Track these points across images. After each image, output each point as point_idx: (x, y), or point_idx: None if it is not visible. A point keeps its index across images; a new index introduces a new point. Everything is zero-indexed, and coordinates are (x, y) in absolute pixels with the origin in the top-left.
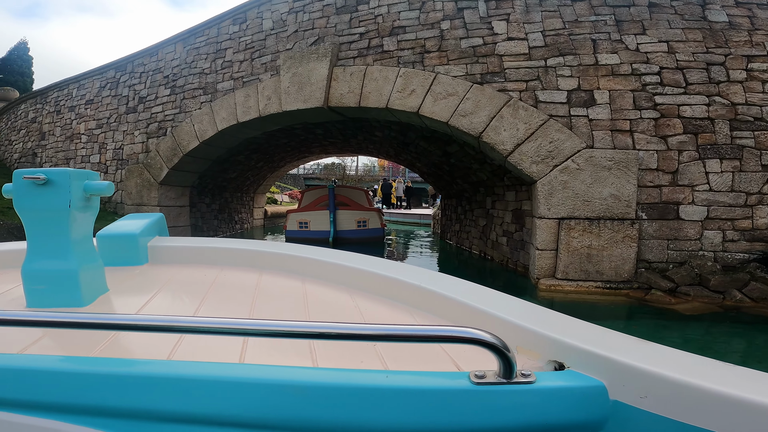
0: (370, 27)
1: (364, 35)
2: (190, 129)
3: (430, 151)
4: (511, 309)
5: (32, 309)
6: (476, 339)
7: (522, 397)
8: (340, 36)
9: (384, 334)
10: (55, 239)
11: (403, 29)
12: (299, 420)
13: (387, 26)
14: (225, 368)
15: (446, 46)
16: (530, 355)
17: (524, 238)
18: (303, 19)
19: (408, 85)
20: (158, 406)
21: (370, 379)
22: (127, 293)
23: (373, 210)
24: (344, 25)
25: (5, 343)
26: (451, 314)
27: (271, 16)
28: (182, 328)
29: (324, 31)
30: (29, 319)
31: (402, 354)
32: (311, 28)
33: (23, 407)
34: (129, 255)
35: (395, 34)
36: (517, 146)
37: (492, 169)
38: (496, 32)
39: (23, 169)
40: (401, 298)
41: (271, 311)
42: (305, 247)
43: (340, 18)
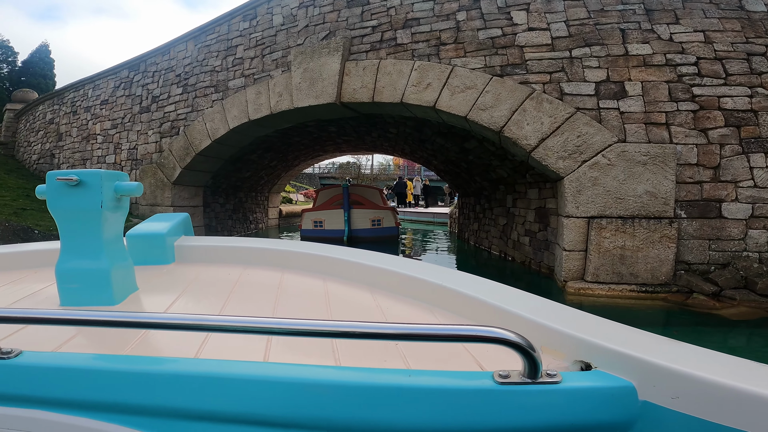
0: (382, 20)
1: (376, 28)
2: (202, 128)
3: (446, 148)
4: (535, 308)
5: (66, 307)
6: (501, 338)
7: (548, 397)
8: (352, 30)
9: (408, 333)
10: (88, 239)
11: (417, 21)
12: (322, 419)
13: (400, 18)
14: (251, 367)
15: (463, 37)
16: (555, 355)
17: (549, 237)
18: (313, 14)
19: (423, 78)
20: (186, 404)
21: (393, 378)
22: (156, 292)
23: (387, 209)
24: (356, 18)
25: (40, 341)
26: (473, 313)
27: (281, 11)
28: (210, 326)
29: (335, 25)
30: (64, 318)
31: (424, 353)
32: (322, 23)
33: (57, 405)
34: (157, 254)
35: (409, 26)
36: (542, 141)
37: (513, 165)
38: (515, 22)
39: (56, 171)
40: (423, 297)
41: (294, 310)
42: (326, 246)
43: (351, 11)
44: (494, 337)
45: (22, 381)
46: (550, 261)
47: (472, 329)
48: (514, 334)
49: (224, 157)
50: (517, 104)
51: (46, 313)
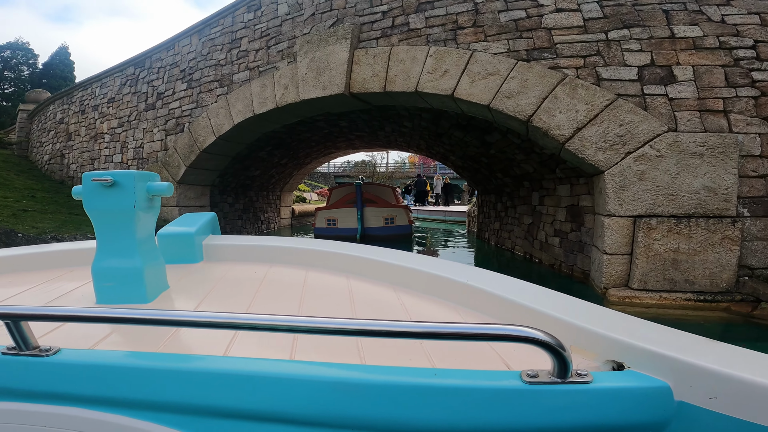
0: (393, 4)
1: (387, 14)
2: (207, 124)
3: (466, 142)
4: (564, 307)
5: (102, 305)
6: (531, 338)
7: (578, 397)
8: (361, 16)
9: (436, 332)
10: (122, 238)
11: (431, 4)
12: (348, 417)
13: (412, 2)
14: (278, 365)
15: (482, 20)
16: (585, 355)
17: (583, 239)
18: (320, 1)
19: (440, 65)
20: (216, 402)
21: (419, 377)
22: (186, 290)
23: (400, 207)
24: (365, 3)
25: (77, 338)
26: (499, 312)
27: (286, 0)
28: (238, 324)
29: (343, 12)
30: (100, 316)
31: (449, 352)
32: (329, 10)
33: (94, 403)
34: (186, 253)
35: (422, 10)
36: (577, 131)
37: (541, 159)
38: (541, 3)
39: (92, 172)
40: (447, 296)
41: (319, 308)
42: (350, 244)
43: None
44: (523, 336)
45: (60, 378)
46: (584, 265)
47: (500, 328)
48: (543, 333)
49: (231, 154)
50: (547, 91)
51: (83, 311)
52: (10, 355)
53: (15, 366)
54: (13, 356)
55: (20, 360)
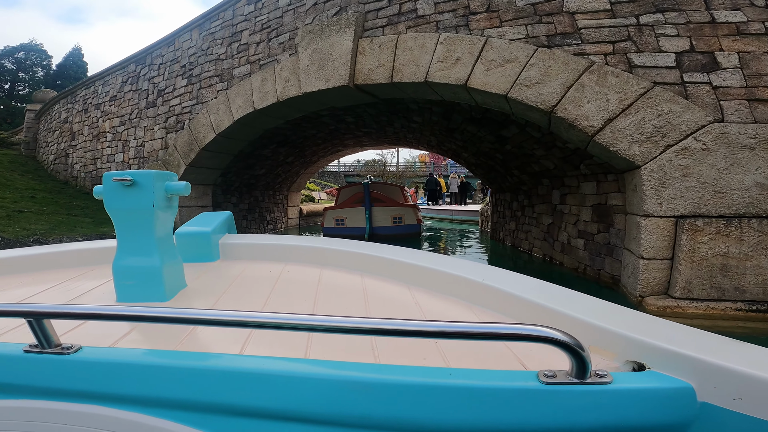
0: None
1: (393, 0)
2: (206, 120)
3: (479, 137)
4: (581, 306)
5: (122, 303)
6: (548, 337)
7: (597, 397)
8: (365, 3)
9: (452, 332)
10: (141, 237)
11: None
12: (363, 417)
13: None
14: (293, 364)
15: (497, 5)
16: (605, 355)
17: (612, 241)
18: None
19: (451, 53)
20: (233, 401)
21: (434, 377)
22: (203, 288)
23: (408, 206)
24: None
25: (98, 336)
26: (514, 311)
27: None
28: (255, 323)
29: (347, 0)
30: (122, 314)
31: (464, 351)
32: None
33: (114, 401)
34: (203, 252)
35: None
36: (609, 122)
37: (563, 155)
38: None
39: (112, 172)
40: (462, 295)
41: (333, 306)
42: (364, 243)
43: None
44: (541, 336)
45: (81, 376)
46: (614, 269)
47: (517, 328)
48: (561, 332)
49: (233, 152)
50: (572, 79)
51: (104, 309)
52: (33, 353)
53: (37, 364)
54: (36, 354)
55: (42, 358)
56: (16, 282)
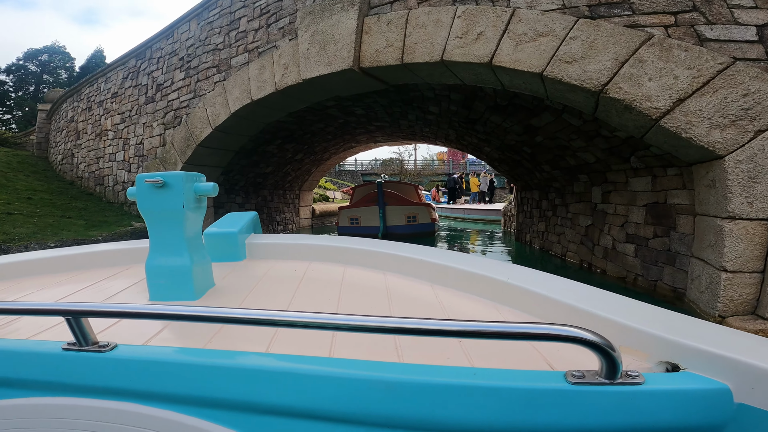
0: None
1: None
2: (203, 114)
3: (504, 129)
4: (610, 306)
5: (155, 302)
6: (578, 337)
7: (629, 398)
8: None
9: (478, 331)
10: (172, 238)
11: None
12: (387, 416)
13: None
14: (319, 363)
15: None
16: (636, 355)
17: (673, 247)
18: None
19: (472, 27)
20: (259, 399)
21: (458, 376)
22: (230, 287)
23: (422, 205)
24: None
25: (132, 334)
26: (540, 311)
27: None
28: (281, 322)
29: None
30: (156, 312)
31: (488, 351)
32: None
33: (148, 398)
34: (230, 251)
35: None
36: (679, 102)
37: (608, 146)
38: None
39: (145, 174)
40: (486, 294)
41: (356, 304)
42: (386, 242)
43: None
44: (570, 336)
45: (117, 374)
46: (676, 281)
47: (545, 327)
48: (590, 332)
49: (233, 149)
50: (626, 53)
51: (139, 308)
52: (71, 351)
53: (75, 361)
54: (74, 352)
55: (80, 356)
56: (53, 281)
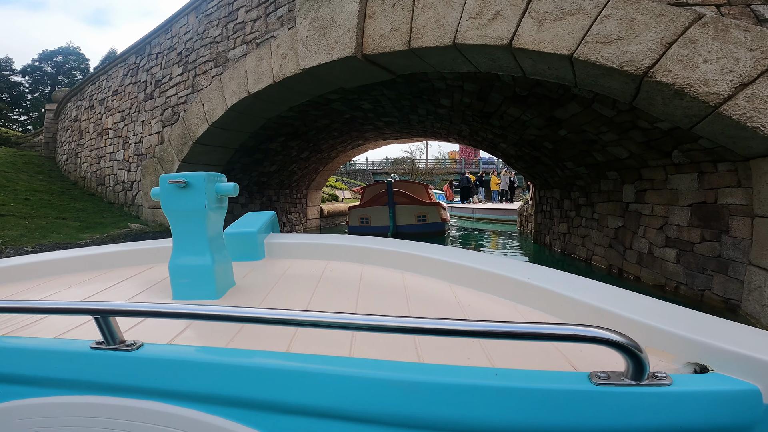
0: None
1: None
2: (200, 110)
3: (523, 122)
4: (635, 306)
5: (178, 301)
6: (603, 338)
7: (655, 399)
8: None
9: (500, 332)
10: (195, 237)
11: None
12: (407, 416)
13: None
14: (338, 362)
15: None
16: (663, 356)
17: (725, 252)
18: None
19: (487, 6)
20: (280, 398)
21: (479, 376)
22: (250, 287)
23: (432, 204)
24: None
25: (156, 333)
26: (562, 311)
27: None
28: (301, 321)
29: None
30: (180, 312)
31: (509, 351)
32: None
33: (170, 397)
34: (250, 251)
35: None
36: (742, 87)
37: (646, 138)
38: None
39: (168, 174)
40: (506, 294)
41: (375, 304)
42: (405, 242)
43: None
44: (595, 337)
45: (143, 373)
46: (728, 291)
47: (569, 328)
48: (616, 333)
49: (232, 146)
50: (673, 33)
51: (165, 308)
52: (99, 350)
53: (103, 360)
54: (101, 350)
55: (108, 354)
56: (79, 280)
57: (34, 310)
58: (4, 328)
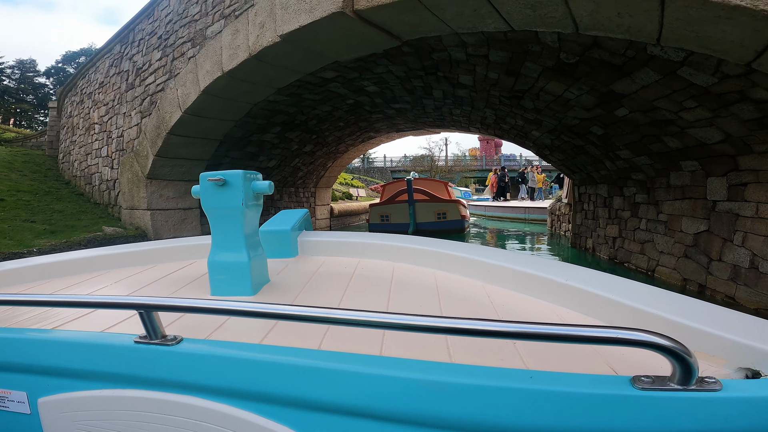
0: None
1: None
2: (173, 96)
3: (566, 101)
4: (682, 309)
5: (216, 297)
6: (651, 342)
7: (704, 405)
8: None
9: (538, 333)
10: (232, 234)
11: None
12: (436, 417)
13: None
14: (368, 361)
15: None
16: (713, 361)
17: None
18: None
19: None
20: (311, 395)
21: (513, 379)
22: (284, 284)
23: (452, 201)
24: None
25: (194, 328)
26: (603, 314)
27: None
28: (333, 319)
29: None
30: (219, 308)
31: (544, 353)
32: None
33: (206, 392)
34: (283, 248)
35: None
36: None
37: (759, 115)
38: None
39: (208, 173)
40: (543, 295)
41: (407, 302)
42: (437, 240)
43: None
44: (642, 341)
45: (182, 367)
46: None
47: (614, 332)
48: (665, 337)
49: (215, 136)
50: None
51: (204, 303)
52: (142, 344)
53: (145, 354)
54: (144, 345)
55: (150, 348)
56: (125, 275)
57: (84, 304)
58: (54, 321)
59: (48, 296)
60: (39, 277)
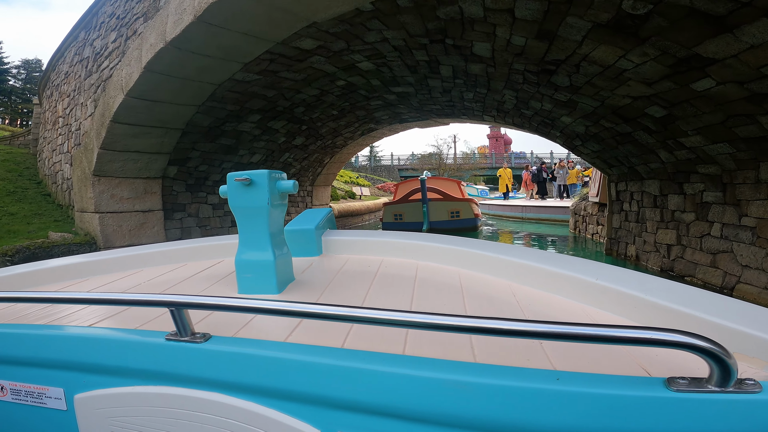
0: None
1: None
2: (118, 77)
3: (619, 73)
4: (718, 309)
5: (243, 295)
6: (689, 344)
7: (743, 407)
8: None
9: (569, 334)
10: (258, 233)
11: None
12: (460, 417)
13: None
14: (392, 360)
15: None
16: (752, 363)
17: None
18: None
19: None
20: (335, 394)
21: (539, 379)
22: (308, 282)
23: (465, 200)
24: None
25: (222, 325)
26: (636, 313)
27: None
28: (357, 318)
29: None
30: (246, 306)
31: (573, 354)
32: None
33: (233, 389)
34: (308, 247)
35: None
36: None
37: None
38: None
39: (235, 172)
40: (572, 295)
41: (430, 301)
42: (460, 238)
43: None
44: (679, 342)
45: (211, 365)
46: None
47: (649, 332)
48: (702, 338)
49: (174, 125)
50: None
51: (232, 302)
52: (172, 341)
53: (176, 351)
54: (175, 342)
55: (180, 345)
56: (154, 273)
57: (117, 302)
58: (90, 318)
59: (85, 294)
60: (78, 275)
